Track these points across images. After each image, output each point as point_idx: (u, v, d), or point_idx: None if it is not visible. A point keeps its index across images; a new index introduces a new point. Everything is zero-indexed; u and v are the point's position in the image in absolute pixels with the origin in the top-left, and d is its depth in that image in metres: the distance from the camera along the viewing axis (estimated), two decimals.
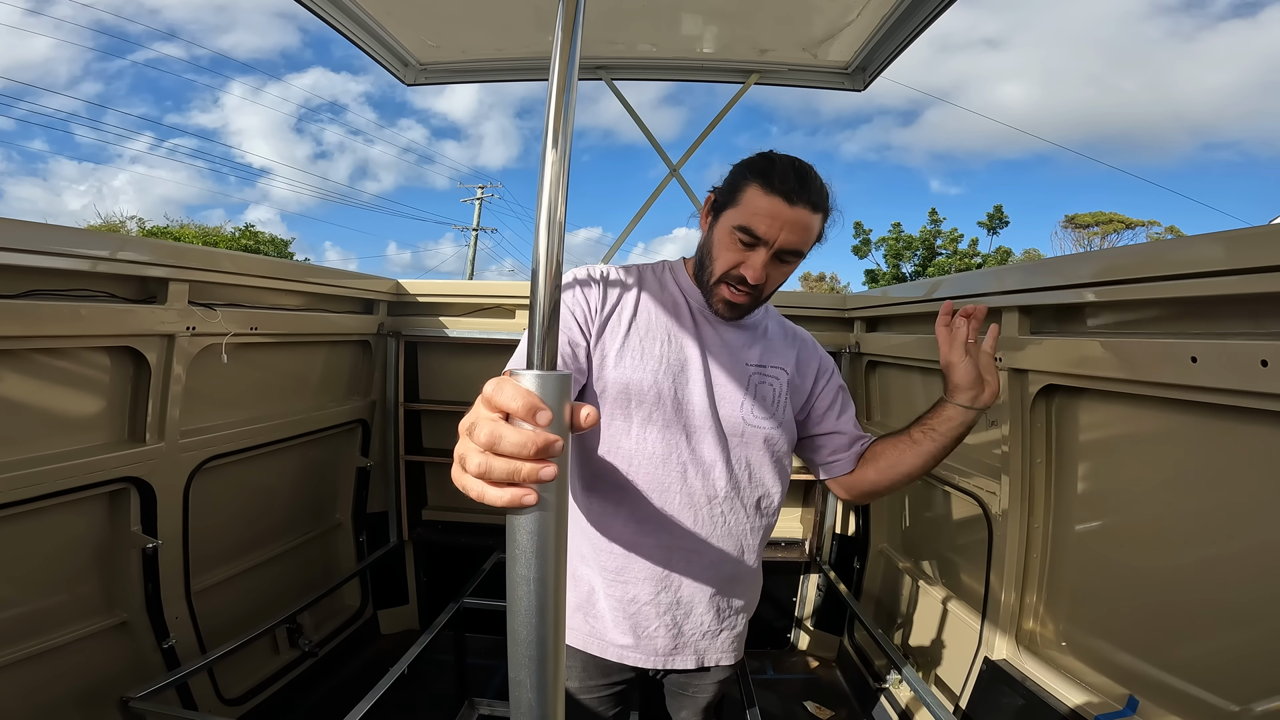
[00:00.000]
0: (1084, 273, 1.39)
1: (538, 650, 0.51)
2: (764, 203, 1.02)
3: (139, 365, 1.67)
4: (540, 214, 0.51)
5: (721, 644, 1.19)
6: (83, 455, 1.53)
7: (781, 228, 1.02)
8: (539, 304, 0.51)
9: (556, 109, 0.52)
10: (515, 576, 0.50)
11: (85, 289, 1.50)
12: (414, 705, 2.30)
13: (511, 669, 0.53)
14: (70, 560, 1.58)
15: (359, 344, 2.65)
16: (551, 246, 0.51)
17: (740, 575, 1.19)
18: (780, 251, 1.04)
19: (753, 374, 1.14)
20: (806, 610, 2.90)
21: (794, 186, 1.02)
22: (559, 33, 0.54)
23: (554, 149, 0.51)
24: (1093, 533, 1.51)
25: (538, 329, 0.51)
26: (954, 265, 24.18)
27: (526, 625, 0.51)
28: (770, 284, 1.08)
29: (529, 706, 0.53)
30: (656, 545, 1.11)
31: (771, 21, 2.28)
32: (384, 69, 2.55)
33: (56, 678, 1.52)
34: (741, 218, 1.03)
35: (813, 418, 1.22)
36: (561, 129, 0.52)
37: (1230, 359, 1.04)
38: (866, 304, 2.58)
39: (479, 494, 0.49)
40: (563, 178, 0.52)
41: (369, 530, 2.76)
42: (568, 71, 0.53)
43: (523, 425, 0.48)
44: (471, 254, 27.42)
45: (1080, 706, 1.40)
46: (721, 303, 1.09)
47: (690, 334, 1.12)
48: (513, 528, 0.50)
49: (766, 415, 1.14)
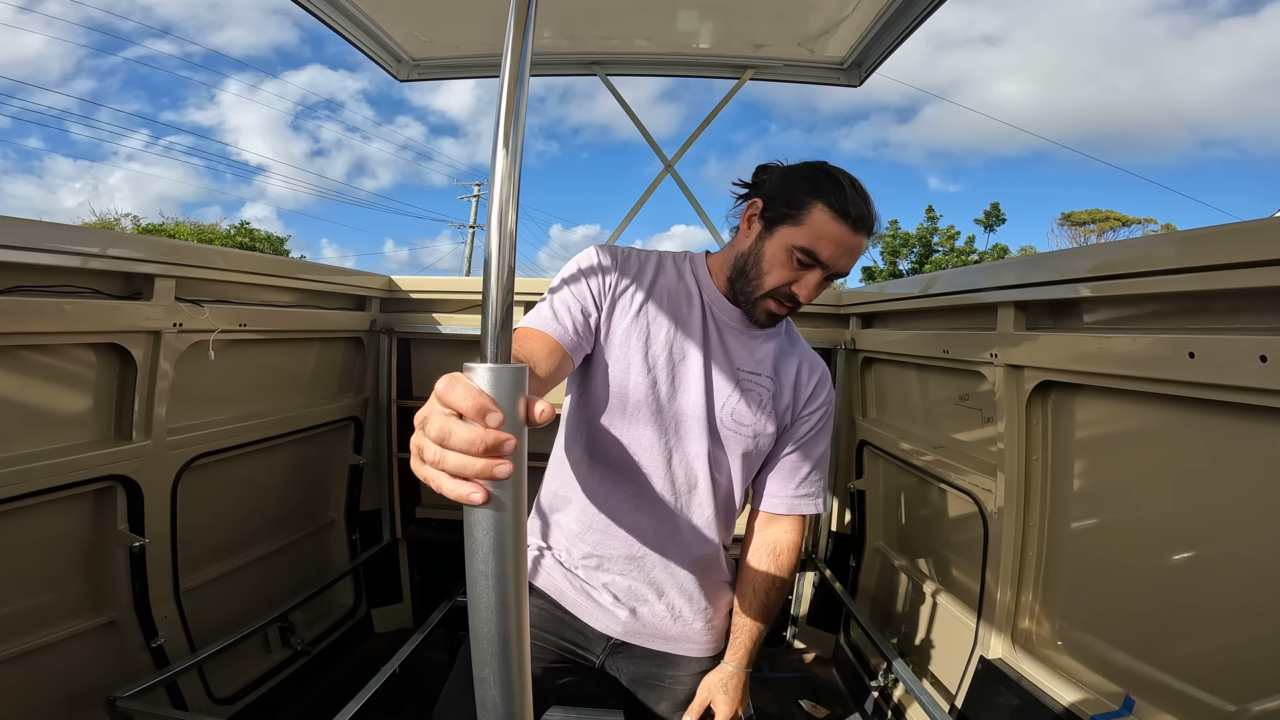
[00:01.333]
0: (1080, 268, 1.38)
1: (500, 647, 0.51)
2: (832, 229, 1.01)
3: (125, 362, 1.65)
4: (492, 212, 0.51)
5: (693, 634, 1.22)
6: (68, 453, 1.51)
7: (843, 254, 1.03)
8: (492, 299, 0.50)
9: (507, 108, 0.52)
10: (474, 572, 0.50)
11: (70, 285, 1.48)
12: (407, 704, 2.29)
13: (475, 666, 0.52)
14: (56, 559, 1.56)
15: (351, 340, 2.63)
16: (503, 244, 0.50)
17: (712, 569, 1.22)
18: (833, 274, 1.06)
19: (743, 377, 1.16)
20: (802, 609, 2.89)
21: (861, 216, 1.02)
22: (510, 32, 0.53)
23: (505, 148, 0.51)
24: (1089, 531, 1.50)
25: (490, 323, 0.50)
26: (950, 262, 24.21)
27: (488, 622, 0.50)
28: (811, 300, 1.10)
29: (494, 704, 0.52)
30: (633, 524, 1.15)
31: (767, 17, 2.27)
32: (377, 65, 2.54)
33: (42, 678, 1.50)
34: (806, 239, 1.02)
35: (783, 438, 1.23)
36: (513, 128, 0.52)
37: (1228, 354, 1.03)
38: (862, 300, 2.57)
39: (436, 485, 0.49)
40: (514, 175, 0.51)
41: (362, 528, 2.74)
42: (520, 68, 0.53)
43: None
44: (468, 251, 27.41)
45: (1076, 705, 1.39)
46: (765, 314, 1.11)
47: (697, 327, 1.15)
48: (470, 523, 0.49)
49: (749, 420, 1.16)
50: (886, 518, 2.58)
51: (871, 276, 26.11)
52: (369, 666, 2.17)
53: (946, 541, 2.09)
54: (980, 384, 1.79)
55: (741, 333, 1.18)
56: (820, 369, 1.25)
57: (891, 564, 2.43)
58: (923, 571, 2.23)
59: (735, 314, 1.17)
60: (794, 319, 1.28)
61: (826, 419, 1.25)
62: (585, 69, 2.73)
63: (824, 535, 2.80)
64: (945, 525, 2.08)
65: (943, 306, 1.99)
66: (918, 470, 2.19)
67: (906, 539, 2.40)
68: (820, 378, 1.24)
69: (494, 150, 0.51)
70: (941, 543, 2.12)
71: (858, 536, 2.66)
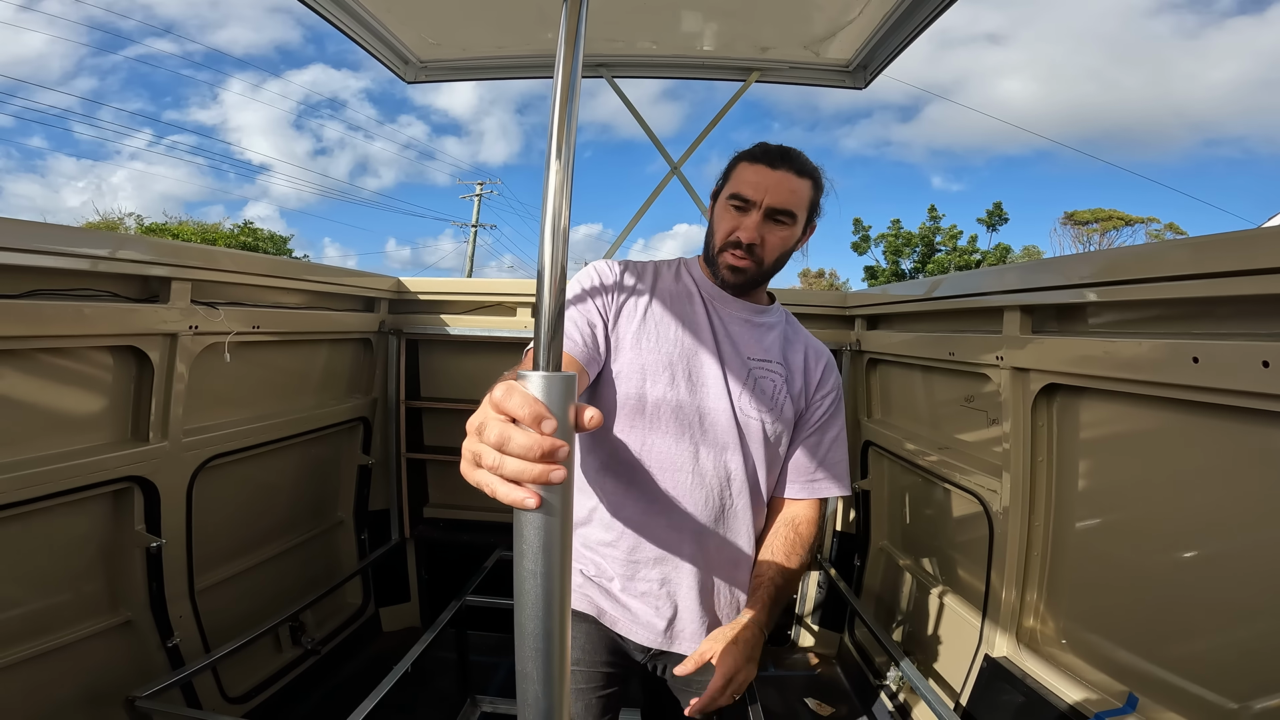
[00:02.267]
0: (1085, 272, 1.40)
1: (544, 644, 0.53)
2: (749, 171, 1.14)
3: (142, 364, 1.67)
4: (545, 221, 0.53)
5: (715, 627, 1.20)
6: (86, 455, 1.53)
7: (767, 190, 1.12)
8: (544, 308, 0.52)
9: (560, 119, 0.53)
10: (523, 571, 0.52)
11: (88, 288, 1.50)
12: (416, 703, 2.31)
13: (519, 662, 0.54)
14: (74, 560, 1.58)
15: (360, 342, 2.65)
16: (556, 252, 0.52)
17: (743, 564, 1.22)
18: (771, 211, 1.13)
19: (754, 366, 1.19)
20: (807, 607, 2.91)
21: (776, 155, 1.14)
22: (561, 44, 0.55)
23: (557, 159, 0.53)
24: (1093, 531, 1.51)
25: (543, 332, 0.52)
26: (953, 262, 24.18)
27: (533, 619, 0.52)
28: (769, 249, 1.15)
29: (535, 699, 0.54)
30: (666, 525, 1.15)
31: (772, 19, 2.28)
32: (384, 66, 2.55)
33: (61, 677, 1.52)
34: (732, 188, 1.16)
35: (799, 425, 1.25)
36: (565, 138, 0.53)
37: (1231, 360, 1.05)
38: (867, 302, 2.58)
39: (491, 489, 0.51)
40: (567, 185, 0.53)
41: (371, 528, 2.76)
42: (570, 82, 0.54)
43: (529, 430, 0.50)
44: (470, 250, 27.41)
45: (1080, 704, 1.41)
46: (727, 269, 1.17)
47: (703, 322, 1.19)
48: (520, 524, 0.51)
49: (764, 408, 1.18)
50: (891, 517, 2.59)
51: (874, 276, 26.09)
52: (377, 666, 2.19)
53: (951, 541, 2.10)
54: (985, 386, 1.80)
55: (745, 322, 1.22)
56: (826, 355, 1.29)
57: (896, 563, 2.45)
58: (927, 571, 2.25)
59: (735, 304, 1.22)
60: (799, 318, 1.32)
61: (838, 402, 1.28)
62: (592, 72, 2.74)
63: (829, 535, 2.81)
64: (950, 525, 2.10)
65: (948, 309, 2.01)
66: (923, 471, 2.20)
67: (911, 539, 2.41)
68: (827, 363, 1.28)
69: (547, 164, 0.53)
70: (946, 542, 2.14)
71: (863, 536, 2.67)
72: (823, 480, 1.25)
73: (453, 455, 2.81)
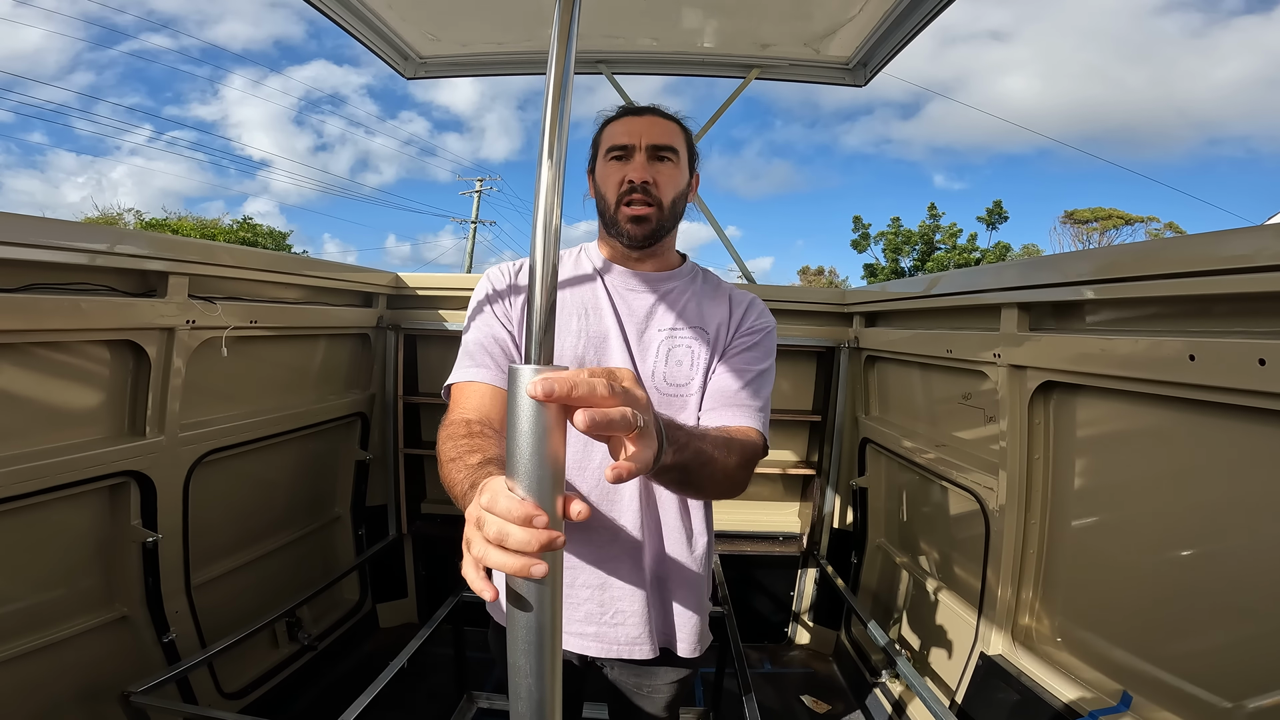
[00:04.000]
0: (1083, 270, 1.40)
1: (536, 636, 0.53)
2: (617, 125, 1.15)
3: (139, 359, 1.67)
4: (537, 218, 0.53)
5: (668, 639, 1.16)
6: (83, 449, 1.52)
7: (641, 131, 1.11)
8: (536, 304, 0.53)
9: (553, 117, 0.54)
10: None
11: (85, 283, 1.50)
12: (413, 699, 2.31)
13: (510, 655, 0.54)
14: (70, 554, 1.58)
15: (358, 337, 2.65)
16: (548, 250, 0.53)
17: (682, 561, 1.15)
18: (652, 149, 1.11)
19: (664, 339, 1.14)
20: (803, 604, 2.92)
21: (633, 106, 1.17)
22: (554, 43, 0.55)
23: (549, 158, 0.53)
24: (1089, 529, 1.52)
25: (535, 329, 0.53)
26: (952, 260, 24.19)
27: (525, 612, 0.53)
28: (663, 188, 1.12)
29: (528, 691, 0.54)
30: (587, 532, 1.10)
31: (773, 16, 2.28)
32: (384, 62, 2.55)
33: (57, 672, 1.52)
34: (606, 144, 1.14)
35: (719, 359, 1.15)
36: (558, 137, 0.53)
37: (1228, 357, 1.05)
38: (866, 299, 2.58)
39: (501, 565, 0.53)
40: (558, 184, 0.53)
41: (368, 523, 2.76)
42: (563, 80, 0.54)
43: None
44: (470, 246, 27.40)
45: (1075, 702, 1.41)
46: (629, 222, 1.11)
47: (605, 305, 1.15)
48: None
49: (683, 379, 1.12)
50: (888, 515, 2.60)
51: (873, 273, 26.10)
52: (374, 661, 2.19)
53: (948, 538, 2.11)
54: (983, 383, 1.81)
55: (650, 292, 1.17)
56: (753, 299, 1.21)
57: (893, 561, 2.45)
58: (924, 568, 2.26)
59: (637, 277, 1.17)
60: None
61: (765, 344, 1.16)
62: (590, 68, 2.74)
63: (825, 532, 2.82)
64: (947, 522, 2.10)
65: (946, 307, 2.01)
66: (920, 468, 2.20)
67: (908, 536, 2.42)
68: (749, 305, 1.19)
69: (539, 164, 0.53)
70: (943, 540, 2.14)
71: (859, 533, 2.68)
72: (737, 409, 1.08)
73: None
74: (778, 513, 2.95)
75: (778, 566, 2.88)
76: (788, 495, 2.99)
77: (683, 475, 0.82)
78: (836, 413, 2.71)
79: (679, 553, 1.15)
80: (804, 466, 2.86)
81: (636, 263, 1.18)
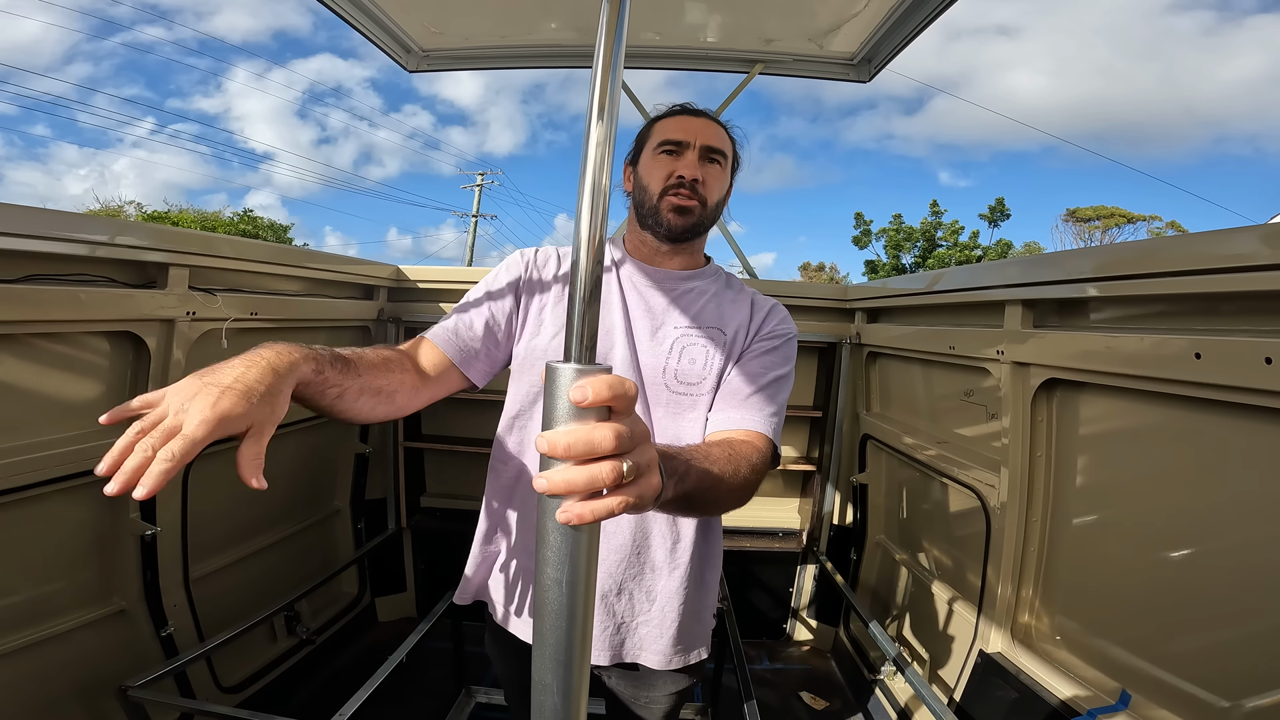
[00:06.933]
0: (1087, 267, 1.39)
1: (565, 654, 0.51)
2: (673, 122, 1.15)
3: (139, 350, 1.66)
4: (585, 180, 0.52)
5: (667, 644, 1.13)
6: (82, 441, 1.52)
7: (697, 131, 1.12)
8: (580, 286, 0.51)
9: (602, 85, 0.52)
10: (545, 580, 0.50)
11: (85, 274, 1.49)
12: (411, 693, 2.31)
13: (536, 672, 0.52)
14: (69, 547, 1.58)
15: (359, 329, 2.64)
16: (596, 216, 0.52)
17: (685, 564, 1.12)
18: (705, 149, 1.12)
19: (679, 337, 1.11)
20: (803, 601, 2.92)
21: (688, 108, 1.17)
22: (604, 14, 0.53)
23: (600, 122, 0.52)
24: (1090, 528, 1.51)
25: (576, 317, 0.51)
26: (954, 257, 24.15)
27: (555, 629, 0.50)
28: (710, 188, 1.12)
29: (554, 710, 0.52)
30: None
31: (777, 11, 2.26)
32: (386, 55, 2.53)
33: (54, 667, 1.51)
34: (659, 138, 1.14)
35: (734, 362, 1.13)
36: (607, 105, 0.52)
37: (1234, 356, 1.04)
38: (868, 295, 2.58)
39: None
40: (607, 157, 0.52)
41: (367, 517, 2.76)
42: (614, 50, 0.53)
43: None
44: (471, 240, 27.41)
45: (1074, 700, 1.41)
46: (672, 212, 1.11)
47: (616, 300, 1.13)
48: (544, 533, 0.50)
49: (695, 377, 1.09)
50: (888, 512, 2.59)
51: (875, 270, 26.07)
52: (372, 656, 2.19)
53: (948, 536, 2.10)
54: (985, 380, 1.80)
55: (669, 290, 1.15)
56: (775, 305, 1.19)
57: (893, 558, 2.45)
58: (924, 565, 2.25)
59: (658, 274, 1.16)
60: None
61: (785, 350, 1.14)
62: (590, 63, 2.72)
63: (825, 528, 2.82)
64: (947, 520, 2.10)
65: (949, 303, 2.00)
66: (920, 465, 2.20)
67: (908, 533, 2.41)
68: (781, 314, 1.17)
69: (587, 133, 0.52)
70: (943, 537, 2.14)
71: (859, 530, 2.67)
72: (751, 416, 1.05)
73: (450, 445, 2.81)
74: (777, 508, 2.94)
75: (777, 563, 2.88)
76: (788, 491, 2.99)
77: (686, 504, 0.79)
78: (837, 409, 2.70)
79: (686, 562, 1.12)
80: (804, 462, 2.85)
81: (665, 258, 1.17)
